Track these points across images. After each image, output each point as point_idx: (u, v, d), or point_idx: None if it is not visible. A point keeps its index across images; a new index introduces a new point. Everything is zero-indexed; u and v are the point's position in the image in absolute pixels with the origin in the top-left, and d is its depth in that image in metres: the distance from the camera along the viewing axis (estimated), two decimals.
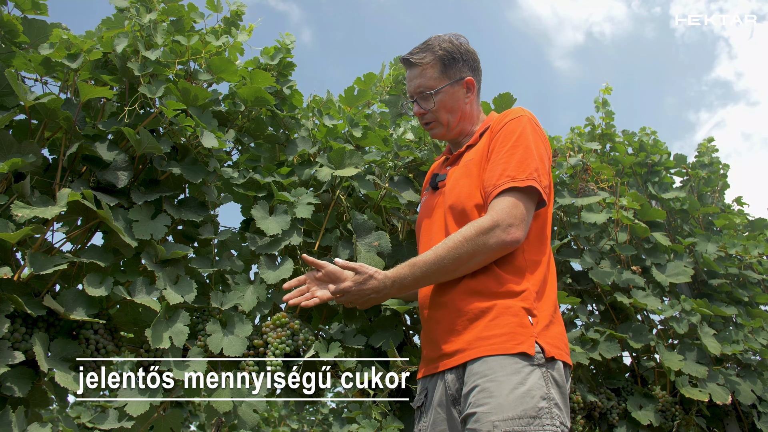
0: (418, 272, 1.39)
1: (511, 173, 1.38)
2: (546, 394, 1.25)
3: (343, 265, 1.44)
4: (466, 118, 1.64)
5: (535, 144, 1.43)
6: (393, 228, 2.18)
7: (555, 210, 2.55)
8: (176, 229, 1.87)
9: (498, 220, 1.34)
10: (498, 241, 1.34)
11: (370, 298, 1.45)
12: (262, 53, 2.14)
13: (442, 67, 1.60)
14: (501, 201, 1.37)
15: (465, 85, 1.62)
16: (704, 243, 2.87)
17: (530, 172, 1.38)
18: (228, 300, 1.71)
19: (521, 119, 1.46)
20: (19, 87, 1.46)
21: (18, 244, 1.48)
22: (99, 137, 1.66)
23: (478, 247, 1.34)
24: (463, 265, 1.37)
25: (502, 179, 1.39)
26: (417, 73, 1.62)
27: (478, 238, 1.34)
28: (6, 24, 1.59)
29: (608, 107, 3.08)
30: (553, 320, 1.38)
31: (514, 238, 1.34)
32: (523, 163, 1.39)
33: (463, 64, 1.62)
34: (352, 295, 1.45)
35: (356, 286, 1.44)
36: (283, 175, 1.98)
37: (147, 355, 1.58)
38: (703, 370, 2.38)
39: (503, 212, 1.35)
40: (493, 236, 1.34)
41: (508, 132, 1.45)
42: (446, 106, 1.61)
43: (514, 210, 1.35)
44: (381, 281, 1.42)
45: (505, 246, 1.35)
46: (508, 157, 1.41)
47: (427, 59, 1.61)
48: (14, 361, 1.29)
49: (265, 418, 6.33)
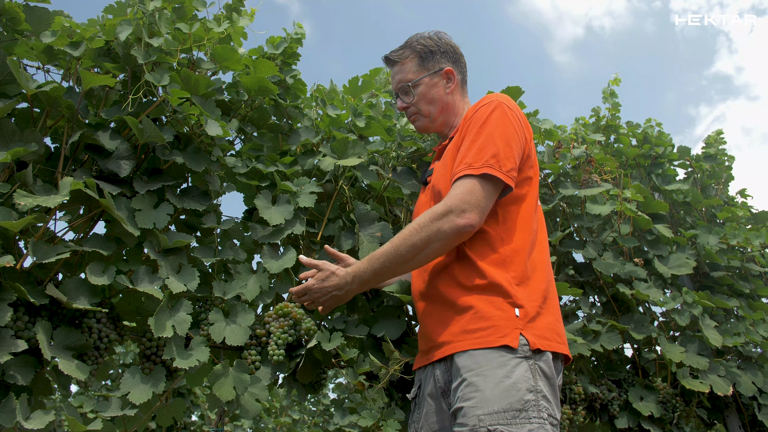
0: (377, 264, 1.39)
1: (468, 160, 1.38)
2: (533, 387, 1.24)
3: (307, 262, 1.44)
4: (448, 109, 1.65)
5: (501, 128, 1.40)
6: (396, 218, 2.18)
7: (558, 201, 2.55)
8: (179, 219, 1.86)
9: (451, 206, 1.33)
10: (452, 226, 1.32)
11: (333, 296, 1.45)
12: (267, 42, 2.13)
13: (420, 60, 1.64)
14: (456, 187, 1.37)
15: (445, 75, 1.64)
16: (705, 235, 2.86)
17: (486, 159, 1.36)
18: (231, 289, 1.71)
19: (489, 105, 1.44)
20: (21, 75, 1.46)
21: (21, 232, 1.48)
22: (101, 126, 1.65)
23: (432, 233, 1.33)
24: (419, 253, 1.35)
25: (460, 167, 1.38)
26: (397, 69, 1.67)
27: (432, 224, 1.33)
28: (8, 11, 1.58)
29: (615, 98, 3.06)
30: (542, 311, 1.36)
31: (467, 221, 1.32)
32: (482, 150, 1.38)
33: (442, 56, 1.65)
34: (315, 293, 1.45)
35: (318, 283, 1.44)
36: (286, 164, 1.97)
37: (149, 344, 1.58)
38: (704, 362, 2.38)
39: (457, 197, 1.34)
40: (447, 221, 1.32)
41: (475, 120, 1.44)
42: (426, 97, 1.63)
43: (467, 196, 1.34)
44: (342, 277, 1.42)
45: (458, 231, 1.33)
46: (470, 145, 1.40)
47: (405, 54, 1.65)
48: (17, 350, 1.29)
49: (267, 408, 6.36)
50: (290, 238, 1.91)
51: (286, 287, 1.82)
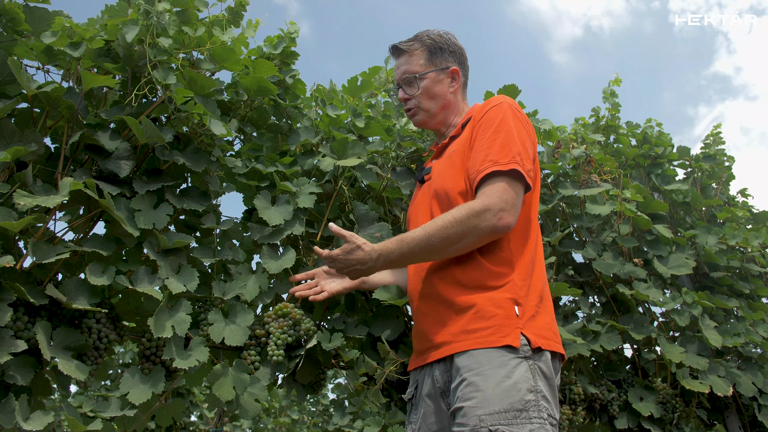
0: (405, 248, 1.39)
1: (493, 158, 1.37)
2: (533, 387, 1.25)
3: (336, 231, 1.45)
4: (449, 107, 1.66)
5: (517, 129, 1.43)
6: (395, 218, 2.18)
7: (557, 201, 2.55)
8: (178, 219, 1.86)
9: (489, 205, 1.33)
10: (489, 225, 1.32)
11: (355, 269, 1.44)
12: (265, 42, 2.13)
13: (429, 54, 1.65)
14: (491, 185, 1.36)
15: (450, 74, 1.65)
16: (705, 235, 2.86)
17: (512, 156, 1.37)
18: (230, 290, 1.71)
19: (502, 106, 1.46)
20: (22, 76, 1.46)
21: (20, 233, 1.48)
22: (101, 126, 1.65)
23: (468, 230, 1.33)
24: (451, 246, 1.35)
25: (485, 164, 1.38)
26: (404, 60, 1.67)
27: (469, 220, 1.33)
28: (8, 12, 1.58)
29: (616, 98, 3.06)
30: (539, 310, 1.37)
31: (505, 223, 1.33)
32: (505, 147, 1.38)
33: (450, 55, 1.66)
34: (338, 263, 1.45)
35: (343, 254, 1.43)
36: (285, 164, 1.97)
37: (149, 344, 1.58)
38: (703, 362, 2.38)
39: (494, 196, 1.34)
40: (484, 220, 1.32)
41: (489, 119, 1.45)
42: (429, 92, 1.64)
43: (504, 194, 1.34)
44: (367, 253, 1.41)
45: (495, 231, 1.33)
46: (490, 143, 1.40)
47: (415, 46, 1.66)
48: (17, 350, 1.29)
49: (266, 408, 6.36)
50: (290, 238, 1.91)
51: (286, 287, 1.82)
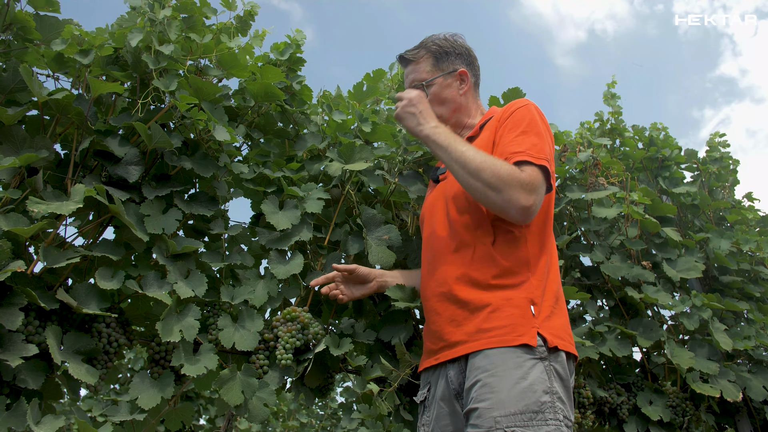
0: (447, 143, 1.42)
1: (524, 149, 1.37)
2: (549, 388, 1.24)
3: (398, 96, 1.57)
4: (461, 110, 1.66)
5: (544, 133, 1.44)
6: (402, 223, 2.18)
7: (565, 205, 2.54)
8: (187, 224, 1.88)
9: (526, 182, 1.32)
10: (514, 199, 1.31)
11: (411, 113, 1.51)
12: (271, 49, 2.15)
13: (435, 60, 1.66)
14: (528, 168, 1.35)
15: (458, 76, 1.66)
16: (717, 239, 2.84)
17: (544, 154, 1.37)
18: (238, 294, 1.71)
19: (529, 107, 1.47)
20: (33, 83, 1.47)
21: (31, 238, 1.49)
22: (110, 132, 1.67)
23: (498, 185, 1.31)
24: (476, 180, 1.34)
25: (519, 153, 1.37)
26: (411, 69, 1.69)
27: (505, 179, 1.31)
28: (19, 20, 1.61)
29: (618, 100, 3.05)
30: (555, 311, 1.37)
31: (528, 204, 1.31)
32: (537, 145, 1.38)
33: (456, 58, 1.66)
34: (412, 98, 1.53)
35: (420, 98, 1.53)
36: (292, 170, 1.98)
37: (158, 349, 1.59)
38: (714, 366, 2.36)
39: (532, 177, 1.33)
40: (517, 193, 1.31)
41: (517, 118, 1.44)
42: (438, 97, 1.64)
43: (536, 181, 1.34)
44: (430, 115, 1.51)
45: (515, 207, 1.32)
46: (521, 140, 1.40)
47: (420, 54, 1.67)
48: (28, 354, 1.30)
49: (275, 412, 6.37)
50: (298, 243, 1.91)
51: (294, 292, 1.82)
